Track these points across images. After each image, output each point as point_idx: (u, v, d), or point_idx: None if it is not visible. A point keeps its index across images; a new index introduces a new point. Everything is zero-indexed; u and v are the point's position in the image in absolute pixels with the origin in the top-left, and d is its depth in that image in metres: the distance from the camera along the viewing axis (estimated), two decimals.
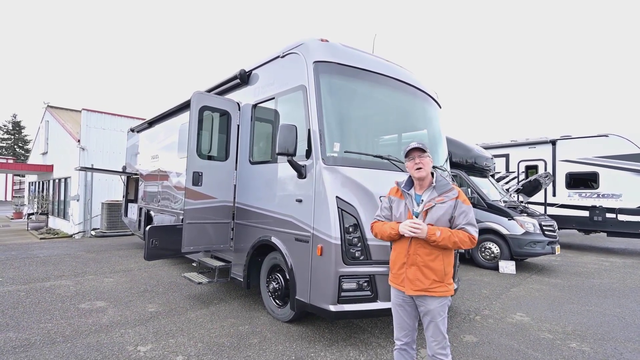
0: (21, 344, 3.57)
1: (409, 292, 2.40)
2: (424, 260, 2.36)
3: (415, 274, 2.37)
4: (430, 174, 2.51)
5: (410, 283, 2.38)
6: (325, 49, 4.03)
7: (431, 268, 2.35)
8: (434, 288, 2.35)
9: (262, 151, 4.73)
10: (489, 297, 5.58)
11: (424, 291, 2.35)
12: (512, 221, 7.58)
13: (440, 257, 2.36)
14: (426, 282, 2.35)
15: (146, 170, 8.46)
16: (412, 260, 2.39)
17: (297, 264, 3.86)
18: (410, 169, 2.53)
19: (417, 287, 2.36)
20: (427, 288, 2.35)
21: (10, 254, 8.48)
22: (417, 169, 2.47)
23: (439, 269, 2.35)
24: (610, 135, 10.45)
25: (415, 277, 2.37)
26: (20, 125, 56.20)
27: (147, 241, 5.05)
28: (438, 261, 2.36)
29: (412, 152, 2.50)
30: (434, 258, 2.35)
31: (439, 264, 2.36)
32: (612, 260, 9.37)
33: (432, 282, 2.35)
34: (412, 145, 2.49)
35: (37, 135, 19.82)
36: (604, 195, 10.31)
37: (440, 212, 2.37)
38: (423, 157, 2.46)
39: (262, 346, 3.62)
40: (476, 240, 2.37)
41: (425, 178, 2.49)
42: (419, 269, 2.36)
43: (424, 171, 2.46)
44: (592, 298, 5.71)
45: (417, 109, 4.82)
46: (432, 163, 2.51)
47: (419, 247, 2.37)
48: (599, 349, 3.81)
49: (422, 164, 2.45)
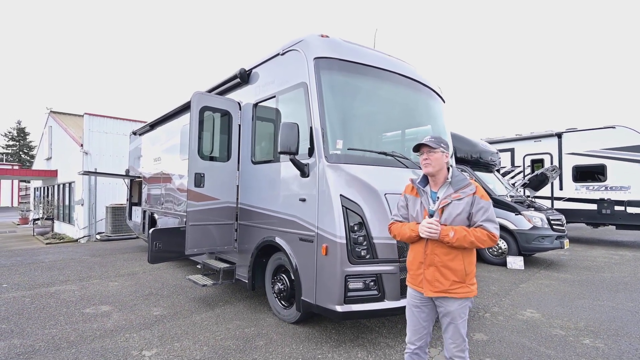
0: (25, 350, 3.54)
1: (427, 293, 2.29)
2: (442, 260, 2.24)
3: (433, 274, 2.26)
4: (445, 169, 2.37)
5: (429, 284, 2.28)
6: (326, 44, 3.96)
7: (450, 268, 2.23)
8: (455, 289, 2.23)
9: (264, 151, 4.67)
10: (498, 294, 5.49)
11: (444, 292, 2.24)
12: (519, 216, 7.47)
13: (460, 257, 2.24)
14: (446, 283, 2.23)
15: (149, 172, 8.43)
16: (430, 261, 2.28)
17: (302, 264, 3.80)
18: (421, 165, 2.42)
19: (436, 288, 2.25)
20: (447, 289, 2.23)
21: (15, 259, 8.49)
22: (425, 165, 2.37)
23: (459, 269, 2.23)
24: (617, 127, 10.29)
25: (434, 278, 2.26)
26: (25, 131, 56.58)
27: (150, 244, 5.01)
28: (457, 261, 2.24)
29: (420, 147, 2.39)
30: (452, 258, 2.23)
31: (459, 264, 2.24)
32: (621, 253, 9.23)
33: (452, 282, 2.23)
34: (422, 141, 2.38)
35: (41, 141, 19.93)
36: (612, 188, 10.16)
37: (457, 209, 2.24)
38: (432, 152, 2.33)
39: (268, 348, 3.56)
40: (497, 238, 2.21)
41: (438, 174, 2.36)
42: (438, 269, 2.25)
43: (431, 167, 2.34)
44: (604, 292, 5.60)
45: (420, 104, 4.74)
46: (446, 158, 2.36)
47: (437, 246, 2.26)
48: (613, 345, 3.71)
49: (430, 159, 2.33)
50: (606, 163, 10.30)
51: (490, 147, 9.10)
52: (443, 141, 2.39)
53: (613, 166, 10.17)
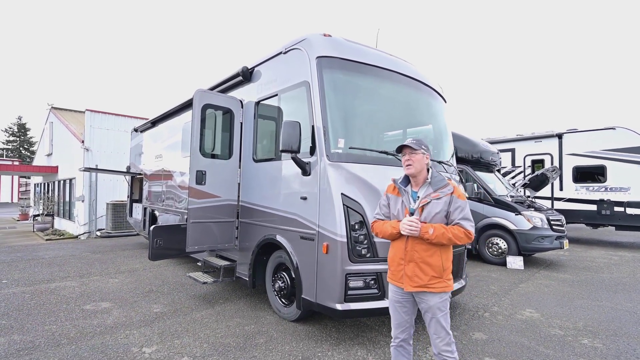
0: (25, 346, 3.55)
1: (407, 288, 2.41)
2: (421, 256, 2.37)
3: (413, 270, 2.38)
4: (425, 170, 2.50)
5: (409, 279, 2.40)
6: (328, 44, 3.96)
7: (429, 264, 2.36)
8: (433, 284, 2.36)
9: (266, 149, 4.68)
10: (497, 294, 5.50)
11: (423, 287, 2.36)
12: (519, 216, 7.49)
13: (438, 253, 2.37)
14: (425, 278, 2.36)
15: (150, 170, 8.44)
16: (410, 257, 2.40)
17: (303, 263, 3.81)
18: (403, 166, 2.53)
19: (415, 283, 2.38)
20: (426, 284, 2.36)
21: (16, 255, 8.51)
22: (407, 166, 2.48)
23: (437, 265, 2.36)
24: (618, 128, 10.30)
25: (413, 274, 2.38)
26: (26, 127, 56.55)
27: (151, 241, 5.02)
28: (436, 257, 2.37)
29: (403, 148, 2.51)
30: (431, 254, 2.36)
31: (437, 260, 2.37)
32: (621, 254, 9.25)
33: (431, 277, 2.36)
34: (404, 143, 2.50)
35: (41, 136, 19.93)
36: (612, 189, 10.18)
37: (436, 208, 2.38)
38: (414, 153, 2.45)
39: (268, 346, 3.57)
40: (473, 236, 2.37)
41: (419, 174, 2.49)
42: (417, 265, 2.38)
43: (413, 168, 2.46)
44: (603, 293, 5.62)
45: (422, 103, 4.74)
46: (427, 159, 2.49)
47: (417, 243, 2.38)
48: (612, 345, 3.73)
49: (411, 160, 2.45)
50: (606, 164, 10.32)
51: (491, 147, 9.10)
52: (424, 143, 2.51)
53: (613, 167, 10.19)
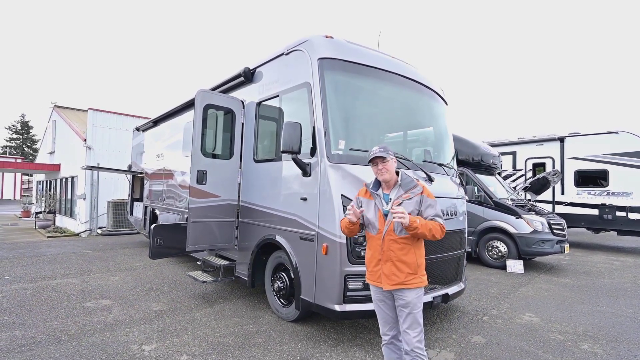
0: (27, 342, 3.58)
1: (386, 287, 2.51)
2: (397, 255, 2.49)
3: (390, 269, 2.49)
4: (395, 174, 2.65)
5: (387, 278, 2.50)
6: (330, 45, 3.97)
7: (404, 262, 2.48)
8: (410, 280, 2.48)
9: (267, 149, 4.69)
10: (497, 297, 5.49)
11: (401, 284, 2.47)
12: (519, 220, 7.47)
13: (412, 250, 2.51)
14: (401, 276, 2.47)
15: (151, 169, 8.47)
16: (386, 257, 2.51)
17: (302, 263, 3.82)
18: (375, 174, 2.66)
19: (393, 281, 2.48)
20: (402, 281, 2.47)
21: (17, 252, 8.55)
22: (381, 174, 2.61)
23: (412, 262, 2.49)
24: (620, 132, 10.26)
25: (390, 272, 2.49)
26: (29, 125, 56.86)
27: (151, 240, 5.04)
28: (410, 254, 2.50)
29: (374, 159, 2.63)
30: (406, 252, 2.49)
31: (412, 257, 2.50)
32: (622, 259, 9.21)
33: (407, 275, 2.48)
34: (373, 154, 2.61)
35: (44, 134, 20.01)
36: (614, 193, 10.13)
37: (408, 208, 2.50)
38: (385, 162, 2.59)
39: (266, 346, 3.58)
40: (445, 230, 2.55)
41: (391, 179, 2.62)
42: (394, 264, 2.49)
43: (387, 174, 2.60)
44: (603, 298, 5.60)
45: (423, 105, 4.75)
46: (395, 163, 2.65)
47: (392, 243, 2.50)
48: (612, 350, 3.72)
49: (385, 168, 2.59)
50: (608, 168, 10.28)
51: (492, 150, 9.08)
52: (389, 149, 2.64)
53: (615, 172, 10.15)
